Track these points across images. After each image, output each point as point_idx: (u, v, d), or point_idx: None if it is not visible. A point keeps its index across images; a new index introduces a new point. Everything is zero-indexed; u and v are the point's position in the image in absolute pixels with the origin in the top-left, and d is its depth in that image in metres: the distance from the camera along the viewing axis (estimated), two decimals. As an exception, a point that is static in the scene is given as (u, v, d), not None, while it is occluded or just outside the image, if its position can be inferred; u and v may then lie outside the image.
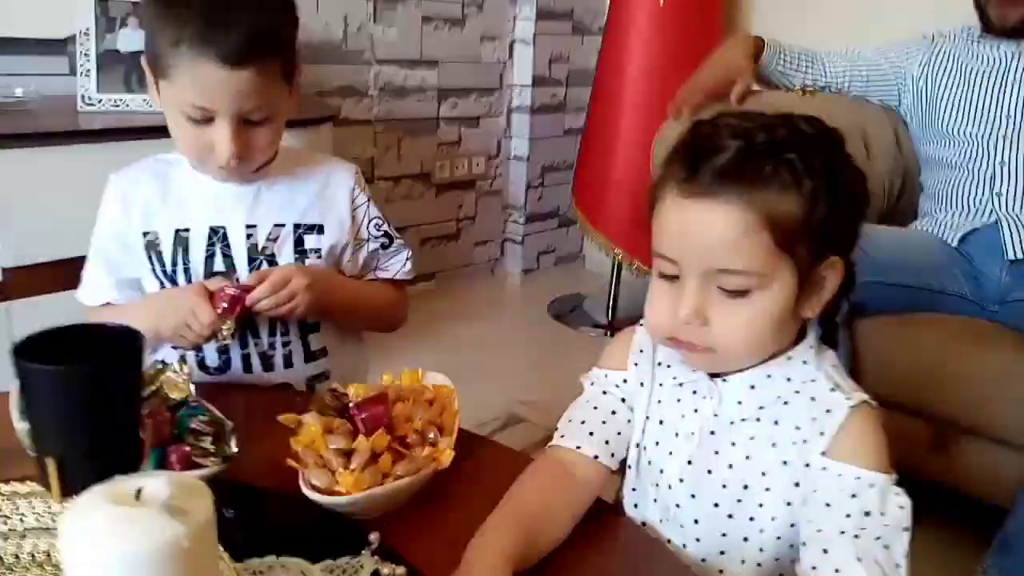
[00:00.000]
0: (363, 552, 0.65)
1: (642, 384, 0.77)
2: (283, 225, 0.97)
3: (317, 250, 0.98)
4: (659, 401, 0.76)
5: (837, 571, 0.61)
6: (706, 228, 0.65)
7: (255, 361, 0.98)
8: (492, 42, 2.74)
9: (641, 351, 0.78)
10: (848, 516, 0.63)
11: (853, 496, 0.64)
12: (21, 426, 0.62)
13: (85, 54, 1.63)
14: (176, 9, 0.83)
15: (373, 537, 0.66)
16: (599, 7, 2.78)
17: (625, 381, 0.78)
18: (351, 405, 0.72)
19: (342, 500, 0.65)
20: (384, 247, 1.06)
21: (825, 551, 0.62)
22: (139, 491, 0.41)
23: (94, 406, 0.47)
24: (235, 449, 0.68)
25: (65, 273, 1.40)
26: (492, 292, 2.91)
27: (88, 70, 1.64)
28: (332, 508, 0.66)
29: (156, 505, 0.40)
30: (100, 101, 1.64)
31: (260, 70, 0.85)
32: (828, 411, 0.68)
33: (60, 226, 1.40)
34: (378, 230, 1.05)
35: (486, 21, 2.69)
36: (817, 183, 0.65)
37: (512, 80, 2.83)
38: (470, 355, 2.27)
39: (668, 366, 0.76)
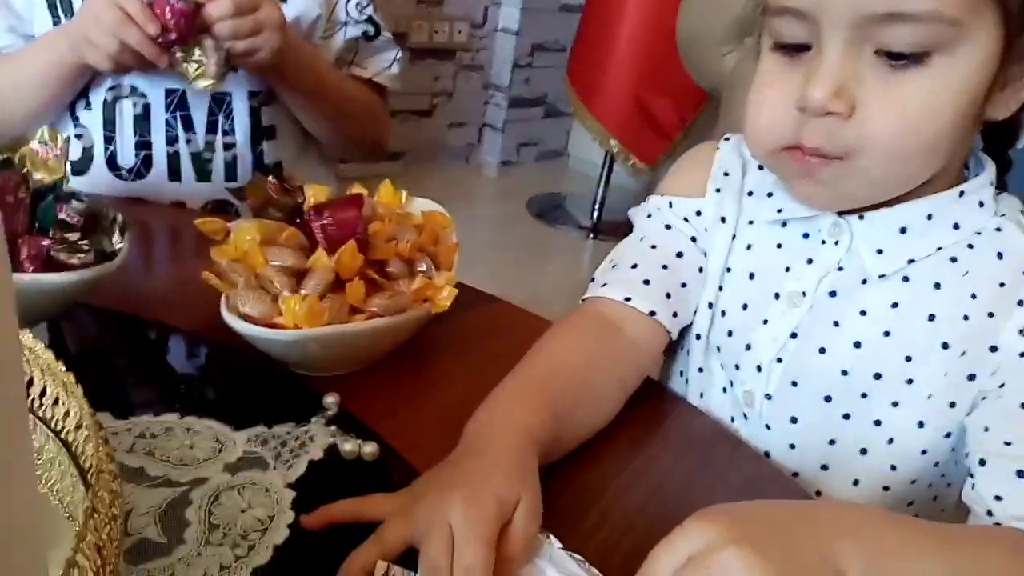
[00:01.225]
0: (313, 420, 0.43)
1: (723, 220, 0.54)
2: None
3: None
4: (748, 247, 0.53)
5: None
6: None
7: (185, 165, 0.73)
8: None
9: (726, 174, 0.55)
10: None
11: None
12: None
13: None
14: None
15: (330, 400, 0.45)
16: None
17: (699, 213, 0.55)
18: (308, 207, 0.48)
19: (285, 336, 0.43)
20: (367, 37, 0.82)
21: (1021, 473, 0.40)
22: None
23: None
24: (119, 247, 0.44)
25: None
26: (466, 181, 2.65)
27: None
28: (268, 350, 0.44)
29: None
30: None
31: None
32: None
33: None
34: (360, 13, 0.81)
35: None
36: None
37: (507, -63, 2.50)
38: (438, 243, 2.04)
39: (769, 194, 0.53)
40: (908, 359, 0.46)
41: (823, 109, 0.42)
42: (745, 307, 0.52)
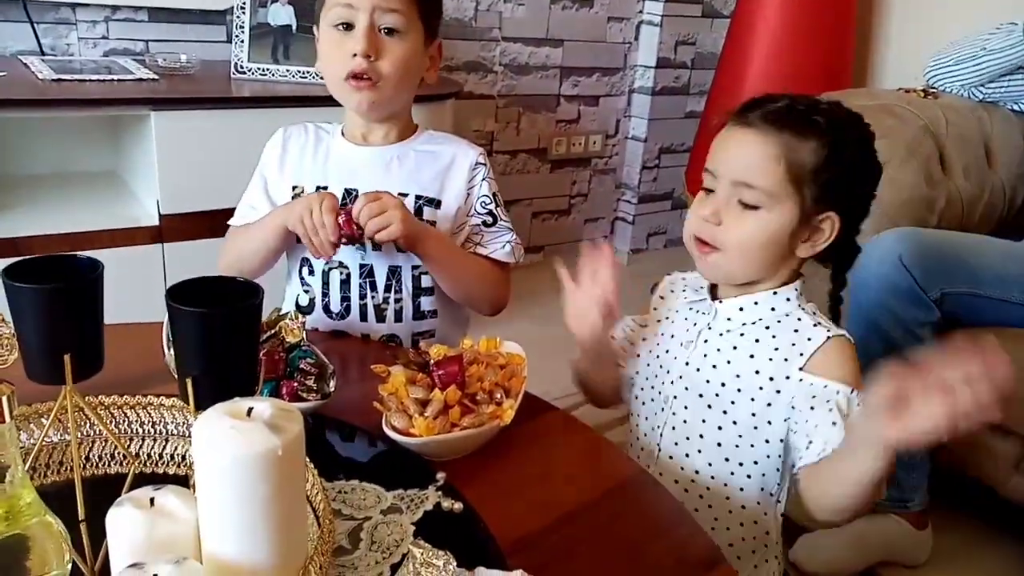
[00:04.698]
0: (429, 487, 0.76)
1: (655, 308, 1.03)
2: (406, 195, 1.08)
3: (433, 222, 1.09)
4: (671, 320, 0.99)
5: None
6: (742, 149, 0.87)
7: (371, 312, 1.11)
8: (619, 23, 2.77)
9: (661, 298, 1.03)
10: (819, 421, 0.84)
11: (827, 402, 0.84)
12: (169, 354, 0.77)
13: (240, 26, 1.82)
14: None
15: (440, 476, 0.77)
16: (732, -10, 2.76)
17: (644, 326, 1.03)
18: (431, 363, 0.83)
19: (415, 441, 0.77)
20: (486, 224, 1.12)
21: (809, 443, 0.84)
22: (250, 410, 0.53)
23: (224, 341, 0.60)
24: (332, 389, 0.81)
25: (211, 222, 1.60)
26: (598, 268, 2.97)
27: (242, 40, 1.82)
28: (406, 447, 0.78)
29: (261, 421, 0.52)
30: (250, 70, 1.82)
31: None
32: (809, 339, 0.88)
33: (209, 181, 1.60)
34: (483, 208, 1.12)
35: (614, 2, 2.73)
36: (831, 149, 0.86)
37: (636, 61, 2.85)
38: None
39: (683, 290, 1.00)
40: (737, 376, 0.90)
41: (706, 220, 0.88)
42: (667, 351, 0.97)
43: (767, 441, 0.90)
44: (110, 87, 1.57)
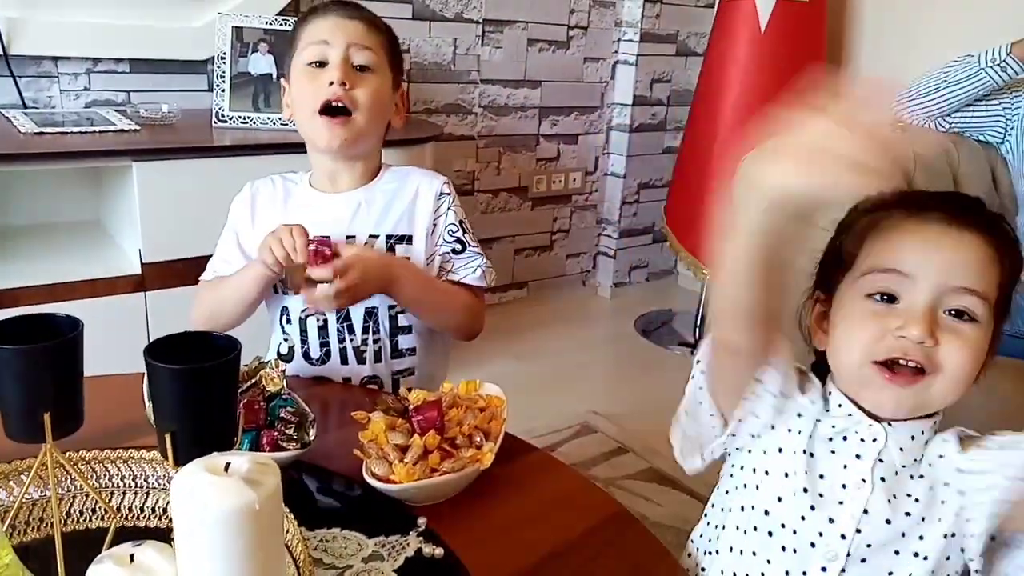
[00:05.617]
0: (410, 533, 0.76)
1: (801, 415, 0.79)
2: (377, 236, 1.10)
3: (406, 259, 1.10)
4: (809, 453, 0.77)
5: None
6: (956, 247, 0.70)
7: (350, 355, 1.12)
8: (595, 63, 2.83)
9: (813, 403, 0.79)
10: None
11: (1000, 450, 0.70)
12: (149, 406, 0.78)
13: (221, 75, 1.85)
14: (315, 6, 1.10)
15: (420, 521, 0.77)
16: (705, 29, 2.83)
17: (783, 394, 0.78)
18: (410, 408, 0.84)
19: (395, 488, 0.78)
20: (455, 252, 1.13)
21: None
22: (228, 465, 0.54)
23: (202, 397, 0.61)
24: (312, 438, 0.81)
25: (193, 269, 1.61)
26: (581, 304, 3.00)
27: (223, 89, 1.85)
28: (387, 494, 0.79)
29: (238, 476, 0.53)
30: (231, 118, 1.85)
31: (368, 29, 1.07)
32: (945, 440, 0.75)
33: (191, 229, 1.61)
34: (451, 236, 1.13)
35: (590, 43, 2.79)
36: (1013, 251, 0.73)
37: (613, 99, 2.91)
38: (554, 363, 2.37)
39: (817, 421, 0.78)
40: (923, 519, 0.74)
41: (919, 340, 0.69)
42: (821, 495, 0.76)
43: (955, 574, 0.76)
44: (92, 139, 1.59)
